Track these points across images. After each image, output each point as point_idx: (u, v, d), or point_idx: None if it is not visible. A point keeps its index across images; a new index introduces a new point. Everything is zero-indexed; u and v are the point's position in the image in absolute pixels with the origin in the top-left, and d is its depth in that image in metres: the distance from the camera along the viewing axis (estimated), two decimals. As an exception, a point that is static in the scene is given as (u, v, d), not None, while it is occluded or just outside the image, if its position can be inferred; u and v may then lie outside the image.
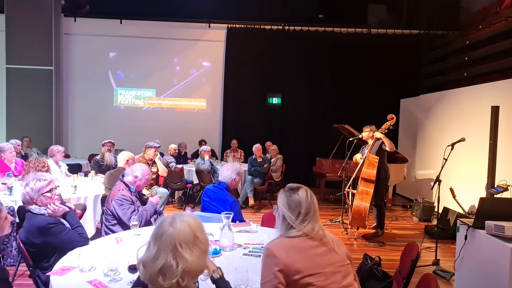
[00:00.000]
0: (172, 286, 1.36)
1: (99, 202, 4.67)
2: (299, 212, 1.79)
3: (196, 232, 1.42)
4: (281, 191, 1.90)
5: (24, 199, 2.56)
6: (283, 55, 9.62)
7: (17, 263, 3.92)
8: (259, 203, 7.51)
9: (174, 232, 1.38)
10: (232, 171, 3.49)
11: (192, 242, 1.40)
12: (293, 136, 9.72)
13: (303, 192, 1.84)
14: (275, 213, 1.89)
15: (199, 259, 1.41)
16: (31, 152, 7.33)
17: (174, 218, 1.43)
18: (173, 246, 1.36)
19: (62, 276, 2.08)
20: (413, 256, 2.43)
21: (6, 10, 8.83)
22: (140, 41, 9.75)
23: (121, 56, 9.81)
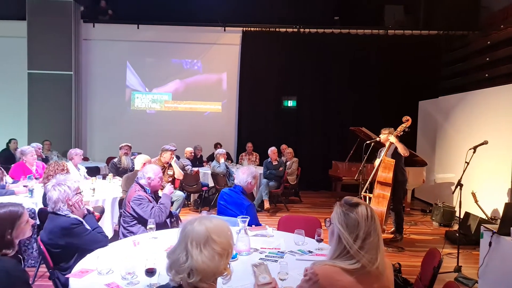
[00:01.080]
0: (182, 281, 1.41)
1: (116, 205, 4.72)
2: (357, 235, 1.55)
3: (211, 234, 1.43)
4: (337, 205, 1.67)
5: (57, 198, 2.60)
6: (299, 58, 9.58)
7: (38, 264, 3.99)
8: (275, 207, 7.47)
9: (190, 230, 1.44)
10: (248, 175, 3.48)
11: (204, 242, 1.42)
12: (309, 139, 9.65)
13: (363, 210, 1.60)
14: (328, 227, 1.68)
15: (210, 261, 1.41)
16: (52, 155, 7.48)
17: (198, 219, 1.48)
18: (186, 243, 1.42)
19: (80, 279, 2.10)
20: (435, 263, 2.36)
21: (28, 17, 9.08)
22: (156, 45, 9.87)
23: (138, 60, 9.95)
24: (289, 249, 2.67)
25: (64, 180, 2.72)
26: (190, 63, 9.98)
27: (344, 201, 1.65)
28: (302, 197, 8.35)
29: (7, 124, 9.69)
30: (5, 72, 9.58)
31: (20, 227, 1.95)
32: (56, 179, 2.75)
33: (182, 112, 10.06)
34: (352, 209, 1.59)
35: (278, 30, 9.66)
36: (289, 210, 7.35)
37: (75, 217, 2.66)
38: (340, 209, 1.61)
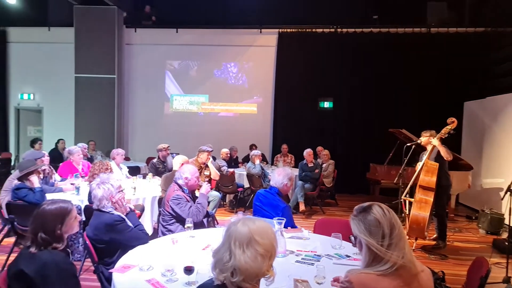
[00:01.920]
0: (226, 280, 1.44)
1: (156, 203, 4.87)
2: (383, 233, 1.54)
3: (254, 235, 1.46)
4: (351, 218, 1.66)
5: (102, 196, 2.73)
6: (335, 58, 9.44)
7: (83, 258, 4.20)
8: (310, 209, 7.40)
9: (234, 231, 1.48)
10: (284, 176, 3.47)
11: (247, 243, 1.45)
12: (346, 141, 9.47)
13: (377, 209, 1.60)
14: (355, 244, 1.66)
15: (253, 261, 1.44)
16: (96, 155, 7.84)
17: (242, 220, 1.52)
18: (229, 243, 1.47)
19: (123, 274, 2.18)
20: (483, 273, 2.24)
21: (75, 23, 9.60)
22: (194, 48, 10.10)
23: (177, 63, 10.23)
24: (326, 252, 2.63)
25: (107, 179, 2.85)
26: (226, 65, 10.12)
27: (356, 211, 1.66)
28: (339, 200, 8.21)
29: (56, 125, 10.32)
30: (55, 76, 10.21)
31: (69, 223, 2.06)
32: (100, 178, 2.88)
33: (218, 113, 10.21)
34: (367, 212, 1.60)
35: (314, 31, 9.58)
36: (325, 213, 7.25)
37: (118, 214, 2.78)
38: (357, 220, 1.62)
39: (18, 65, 10.42)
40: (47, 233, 1.96)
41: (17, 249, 4.31)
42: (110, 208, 2.78)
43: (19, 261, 1.97)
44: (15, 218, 4.13)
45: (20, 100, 10.44)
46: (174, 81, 10.28)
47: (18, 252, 4.11)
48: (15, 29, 10.33)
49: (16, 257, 2.03)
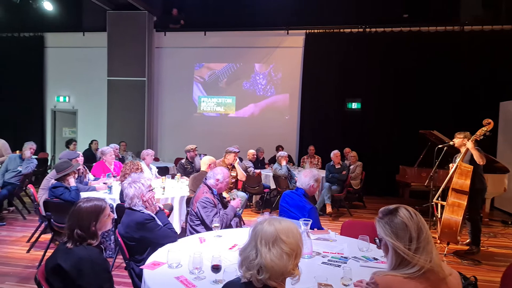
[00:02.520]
0: (252, 277, 1.47)
1: (184, 203, 4.97)
2: (410, 236, 1.53)
3: (280, 234, 1.49)
4: (377, 220, 1.65)
5: (133, 194, 2.83)
6: (364, 58, 9.29)
7: (115, 255, 4.35)
8: (337, 211, 7.32)
9: (260, 229, 1.51)
10: (310, 178, 3.46)
11: (273, 241, 1.47)
12: (374, 142, 9.29)
13: (404, 212, 1.58)
14: (381, 245, 1.66)
15: (279, 260, 1.46)
16: (127, 155, 8.09)
17: (268, 220, 1.55)
18: (256, 241, 1.50)
19: (153, 270, 2.25)
20: (517, 279, 2.15)
21: (108, 28, 9.95)
22: (221, 50, 10.23)
23: (205, 66, 10.38)
24: (353, 254, 2.61)
25: (138, 178, 2.95)
26: (253, 67, 10.18)
27: (382, 213, 1.63)
28: (366, 203, 8.08)
29: (89, 126, 10.73)
30: (89, 79, 10.62)
31: (103, 220, 2.16)
32: (132, 177, 2.98)
33: (245, 115, 10.27)
34: (394, 215, 1.58)
35: (342, 31, 9.47)
36: (352, 215, 7.16)
37: (148, 212, 2.86)
38: (383, 222, 1.60)
39: (54, 69, 10.91)
40: (82, 230, 2.05)
41: (53, 245, 4.54)
42: (141, 206, 2.87)
43: (56, 256, 2.07)
44: (52, 215, 4.34)
45: (56, 102, 10.93)
46: (202, 83, 10.43)
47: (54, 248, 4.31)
48: (52, 35, 10.83)
49: (53, 252, 2.14)
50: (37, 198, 4.83)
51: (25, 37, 10.81)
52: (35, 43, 10.77)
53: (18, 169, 6.25)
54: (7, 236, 5.33)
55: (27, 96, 10.76)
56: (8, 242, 5.07)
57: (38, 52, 10.78)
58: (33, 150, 6.52)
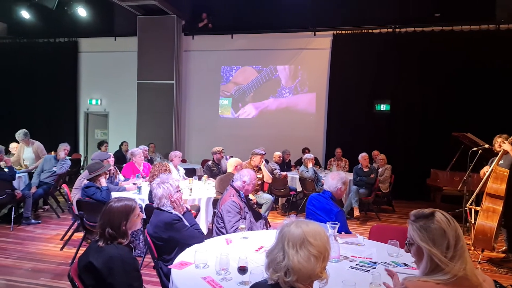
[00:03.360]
0: (279, 280, 1.47)
1: (211, 204, 5.02)
2: (448, 244, 1.46)
3: (308, 236, 1.48)
4: (409, 223, 1.57)
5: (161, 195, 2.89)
6: (393, 59, 9.07)
7: (143, 254, 4.44)
8: (365, 215, 7.18)
9: (288, 231, 1.51)
10: (338, 180, 3.41)
11: (300, 243, 1.47)
12: (404, 144, 9.05)
13: (441, 217, 1.50)
14: (410, 249, 1.59)
15: (306, 262, 1.45)
16: (155, 156, 8.25)
17: (295, 222, 1.55)
18: (283, 243, 1.49)
19: (180, 270, 2.29)
20: (560, 290, 2.03)
21: (138, 33, 10.22)
22: (248, 53, 10.28)
23: (232, 68, 10.46)
24: (382, 259, 2.55)
25: (166, 179, 3.01)
26: (280, 68, 10.16)
27: (416, 216, 1.54)
28: (396, 207, 7.88)
29: (120, 128, 11.04)
30: (120, 83, 10.94)
31: (133, 220, 2.21)
32: (160, 178, 3.04)
33: (272, 117, 10.26)
34: (430, 220, 1.50)
35: (371, 31, 9.30)
36: (381, 220, 7.00)
37: (176, 213, 2.91)
38: (417, 226, 1.52)
39: (87, 73, 11.32)
40: (113, 229, 2.11)
41: (85, 243, 4.69)
42: (169, 207, 2.92)
43: (88, 253, 2.14)
44: (84, 214, 4.49)
45: (89, 105, 11.32)
46: (229, 85, 10.52)
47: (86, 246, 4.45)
48: (86, 40, 11.24)
49: (86, 250, 2.21)
50: (70, 198, 5.02)
51: (60, 42, 11.28)
52: (70, 48, 11.21)
53: (53, 170, 6.50)
54: (42, 234, 5.56)
55: (62, 99, 11.21)
56: (43, 240, 5.28)
57: (72, 56, 11.21)
58: (67, 151, 6.77)
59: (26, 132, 7.01)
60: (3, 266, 4.29)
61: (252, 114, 10.42)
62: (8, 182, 5.64)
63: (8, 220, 5.84)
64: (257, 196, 6.00)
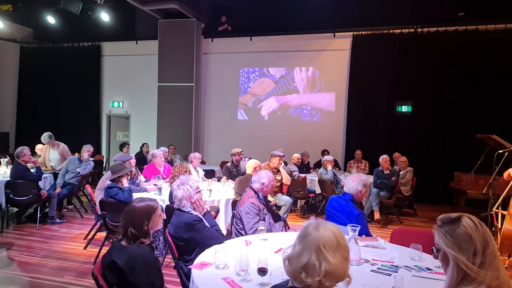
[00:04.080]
0: (313, 284, 1.44)
1: (230, 206, 5.04)
2: (475, 250, 1.39)
3: (338, 238, 1.49)
4: (435, 228, 1.51)
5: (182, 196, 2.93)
6: (415, 60, 8.89)
7: (163, 255, 4.50)
8: (386, 218, 7.06)
9: (318, 235, 1.48)
10: (358, 182, 3.37)
11: (335, 247, 1.46)
12: (426, 146, 8.85)
13: (468, 221, 1.44)
14: (438, 256, 1.53)
15: (342, 264, 1.46)
16: (175, 158, 8.36)
17: (318, 224, 1.52)
18: (317, 247, 1.45)
19: (201, 270, 2.31)
20: None
21: (159, 36, 10.39)
22: (267, 55, 10.28)
23: (250, 70, 10.49)
24: (404, 263, 2.50)
25: (186, 180, 3.04)
26: (299, 70, 10.12)
27: (442, 221, 1.49)
28: (418, 210, 7.71)
29: (141, 130, 11.24)
30: (141, 85, 11.14)
31: (155, 220, 2.24)
32: (180, 179, 3.08)
33: (290, 118, 10.23)
34: (456, 224, 1.43)
35: (392, 31, 9.15)
36: (402, 223, 6.86)
37: (196, 214, 2.94)
38: (443, 231, 1.46)
39: (110, 76, 11.58)
40: (136, 228, 2.15)
41: (108, 243, 4.79)
42: (189, 208, 2.95)
43: (112, 252, 2.18)
44: (107, 214, 4.59)
45: (111, 107, 11.58)
46: (247, 87, 10.55)
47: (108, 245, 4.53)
48: (108, 44, 11.50)
49: (109, 249, 2.26)
50: (93, 198, 5.14)
51: (84, 46, 11.58)
52: (93, 52, 11.51)
53: (76, 170, 6.68)
54: (66, 233, 5.72)
55: (85, 102, 11.51)
56: (67, 239, 5.43)
57: (95, 60, 11.50)
58: (91, 152, 6.94)
59: (50, 134, 7.24)
60: (30, 264, 4.43)
61: (271, 116, 10.40)
62: (35, 182, 5.83)
63: (34, 219, 6.04)
64: (276, 198, 5.99)
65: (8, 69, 11.64)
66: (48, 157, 7.42)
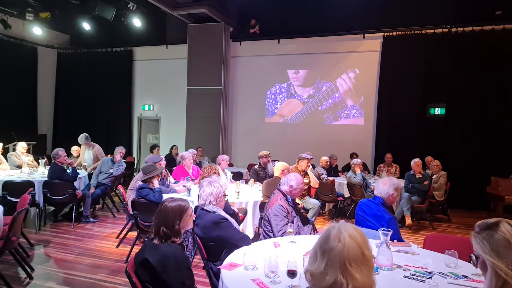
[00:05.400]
0: None
1: (257, 208, 5.04)
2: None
3: (363, 249, 1.38)
4: (473, 235, 1.47)
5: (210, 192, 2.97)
6: (449, 60, 8.60)
7: (192, 255, 4.56)
8: (418, 224, 6.85)
9: (343, 249, 1.35)
10: (390, 186, 3.29)
11: (361, 261, 1.35)
12: (460, 150, 8.52)
13: (506, 227, 1.39)
14: (477, 265, 1.48)
15: (368, 278, 1.36)
16: (203, 160, 8.48)
17: (341, 232, 1.39)
18: (342, 264, 1.34)
19: (230, 271, 2.32)
20: None
21: (188, 40, 10.59)
22: (295, 57, 10.25)
23: (278, 73, 10.47)
24: (439, 270, 2.41)
25: (218, 180, 3.08)
26: (327, 72, 10.02)
27: (480, 227, 1.44)
28: (452, 216, 7.43)
29: (170, 132, 11.47)
30: (171, 89, 11.39)
31: (185, 220, 2.28)
32: (212, 178, 3.12)
33: (318, 121, 10.14)
34: (494, 230, 1.38)
35: (424, 32, 8.89)
36: (435, 229, 6.63)
37: (222, 213, 2.96)
38: (480, 237, 1.41)
39: (141, 80, 11.90)
40: (167, 228, 2.20)
41: (139, 242, 4.91)
42: (215, 208, 2.98)
43: (144, 250, 2.24)
44: (138, 214, 4.70)
45: (142, 110, 11.89)
46: (274, 90, 10.55)
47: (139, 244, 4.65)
48: (140, 48, 11.84)
49: (142, 247, 2.32)
50: (125, 198, 5.28)
51: (117, 51, 11.97)
52: (125, 57, 11.87)
53: (109, 171, 6.90)
54: (100, 232, 5.91)
55: (118, 105, 11.88)
56: (101, 237, 5.61)
57: (127, 65, 11.86)
58: (123, 154, 7.16)
59: (87, 136, 7.55)
60: (65, 261, 4.61)
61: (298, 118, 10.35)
62: (70, 182, 6.07)
63: (69, 218, 6.29)
64: (303, 201, 5.95)
65: (46, 74, 12.20)
66: (83, 157, 7.72)
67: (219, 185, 2.99)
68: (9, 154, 7.32)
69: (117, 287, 3.93)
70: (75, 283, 3.99)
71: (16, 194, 5.29)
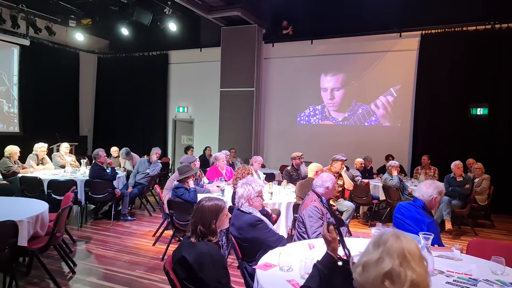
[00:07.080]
0: None
1: (291, 209, 5.02)
2: None
3: (419, 249, 1.39)
4: None
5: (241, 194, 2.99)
6: (492, 58, 8.18)
7: (226, 255, 4.60)
8: (458, 229, 6.57)
9: (402, 241, 1.36)
10: (434, 189, 3.16)
11: (419, 256, 1.35)
12: (505, 152, 8.08)
13: None
14: None
15: (427, 275, 1.34)
16: (236, 161, 8.54)
17: (397, 233, 1.40)
18: (401, 253, 1.32)
19: (265, 271, 2.32)
20: None
21: (222, 43, 10.73)
22: (328, 58, 10.11)
23: (311, 74, 10.38)
24: (484, 277, 2.30)
25: (251, 181, 3.09)
26: (362, 73, 9.81)
27: None
28: (496, 222, 7.06)
29: (203, 134, 11.66)
30: (204, 91, 11.58)
31: (222, 219, 2.31)
32: (246, 179, 3.14)
33: (352, 122, 9.95)
34: None
35: (465, 29, 8.52)
36: (478, 235, 6.32)
37: (257, 215, 2.97)
38: None
39: (176, 82, 12.19)
40: (204, 226, 2.23)
41: (174, 241, 5.02)
42: (250, 209, 2.99)
43: (182, 248, 2.28)
44: (174, 213, 4.81)
45: (177, 112, 12.17)
46: (308, 91, 10.45)
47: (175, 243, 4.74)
48: (175, 52, 12.13)
49: (179, 245, 2.36)
50: (162, 197, 5.42)
51: (153, 55, 12.33)
52: (161, 60, 12.20)
53: (146, 171, 7.11)
54: (137, 230, 6.09)
55: (154, 107, 12.23)
56: (138, 235, 5.79)
57: (163, 68, 12.19)
58: (159, 154, 7.35)
59: (128, 151, 7.87)
60: (105, 257, 4.79)
61: (332, 119, 10.21)
62: (110, 181, 6.30)
63: (109, 216, 6.53)
64: (338, 203, 5.85)
65: (88, 78, 12.77)
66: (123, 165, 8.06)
67: (251, 186, 2.99)
68: (54, 155, 7.72)
69: (154, 283, 4.03)
70: (114, 279, 4.13)
71: (60, 192, 5.57)
